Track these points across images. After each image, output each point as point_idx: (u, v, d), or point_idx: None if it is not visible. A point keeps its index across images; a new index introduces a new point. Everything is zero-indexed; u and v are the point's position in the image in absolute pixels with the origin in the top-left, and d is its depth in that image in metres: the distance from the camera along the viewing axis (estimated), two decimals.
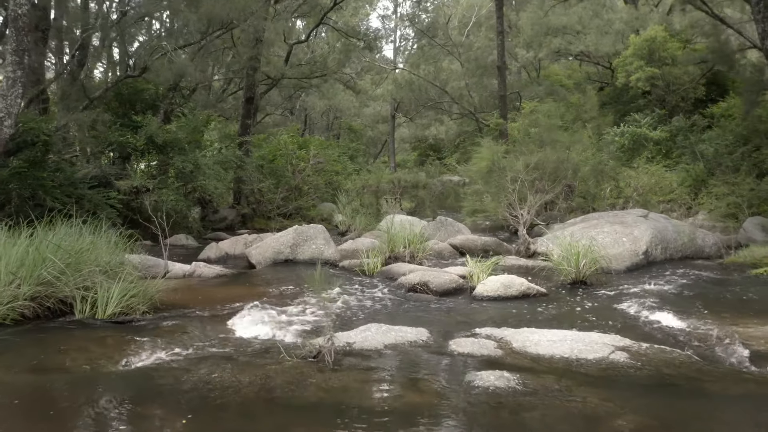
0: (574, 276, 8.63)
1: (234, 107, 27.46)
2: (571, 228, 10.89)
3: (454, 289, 8.24)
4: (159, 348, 5.58)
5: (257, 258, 10.41)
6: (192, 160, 13.99)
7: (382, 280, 8.87)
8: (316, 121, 46.46)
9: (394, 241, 9.85)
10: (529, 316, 7.00)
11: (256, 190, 17.94)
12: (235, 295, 8.14)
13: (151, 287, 7.35)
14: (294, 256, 10.38)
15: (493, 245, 12.42)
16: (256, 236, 12.74)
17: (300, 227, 10.66)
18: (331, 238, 15.95)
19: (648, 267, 10.09)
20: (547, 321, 6.70)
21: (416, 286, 8.04)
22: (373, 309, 7.21)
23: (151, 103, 16.31)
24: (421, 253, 9.80)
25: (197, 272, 9.43)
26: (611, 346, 5.17)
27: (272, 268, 10.11)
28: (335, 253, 10.53)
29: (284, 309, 7.16)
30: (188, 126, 14.76)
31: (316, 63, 28.90)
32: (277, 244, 10.46)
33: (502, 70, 26.94)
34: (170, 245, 14.11)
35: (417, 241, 9.88)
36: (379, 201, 20.35)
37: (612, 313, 7.09)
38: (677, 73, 25.92)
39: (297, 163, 19.43)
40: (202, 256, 11.77)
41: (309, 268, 10.01)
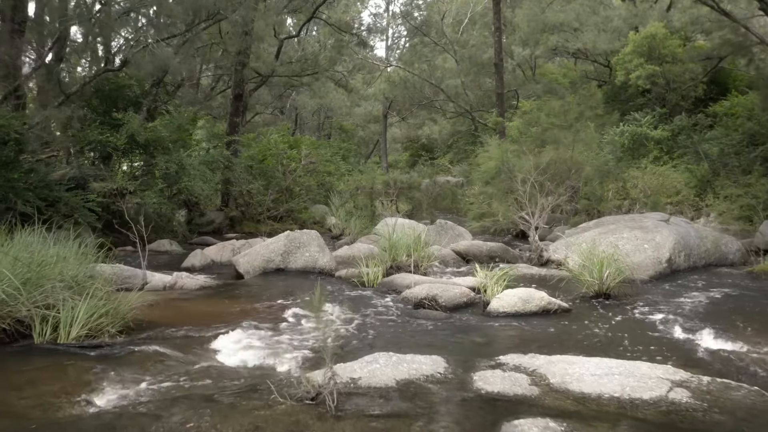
0: (597, 288, 7.79)
1: (223, 106, 26.55)
2: (587, 233, 10.05)
3: (465, 304, 7.38)
4: (127, 382, 4.70)
5: (245, 267, 9.52)
6: (176, 160, 13.09)
7: (385, 292, 7.99)
8: (307, 120, 45.59)
9: (396, 248, 8.96)
10: (555, 337, 6.15)
11: (245, 192, 17.04)
12: (220, 311, 7.26)
13: (125, 304, 6.45)
14: (285, 265, 9.50)
15: (500, 251, 11.58)
16: (244, 242, 11.85)
17: (292, 233, 9.77)
18: (326, 242, 15.14)
19: (672, 276, 9.27)
20: (578, 344, 5.84)
21: (423, 300, 7.18)
22: (378, 330, 6.33)
23: (134, 100, 15.40)
24: (426, 261, 8.93)
25: (179, 284, 8.53)
26: (667, 382, 4.32)
27: (262, 278, 9.22)
28: (330, 262, 9.65)
29: (275, 329, 6.29)
30: (172, 124, 13.85)
31: (308, 61, 28.00)
32: (267, 251, 9.57)
33: (500, 68, 26.17)
34: (153, 251, 13.22)
35: (421, 248, 8.98)
36: (374, 203, 19.49)
37: (649, 333, 6.25)
38: (678, 70, 25.26)
39: (288, 163, 18.54)
40: (186, 263, 10.88)
41: (302, 278, 9.14)
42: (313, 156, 19.43)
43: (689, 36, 28.60)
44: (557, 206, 11.46)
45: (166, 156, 13.26)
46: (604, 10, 31.62)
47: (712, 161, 20.19)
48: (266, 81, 21.10)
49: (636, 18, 29.81)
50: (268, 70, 20.47)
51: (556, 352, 5.48)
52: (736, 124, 20.60)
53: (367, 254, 11.49)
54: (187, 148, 14.19)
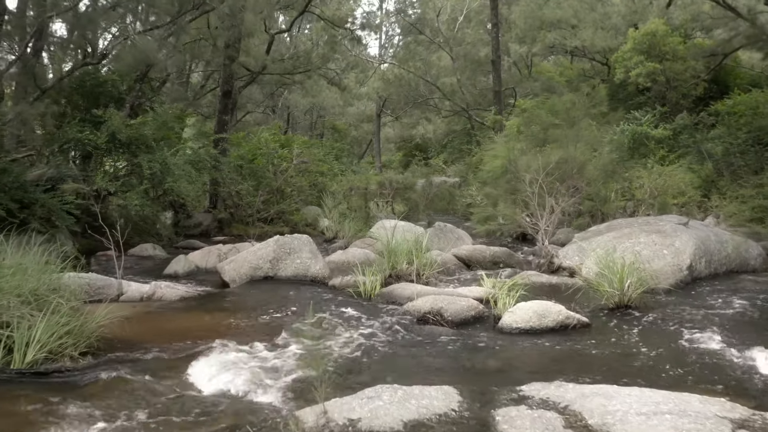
0: (618, 300, 7.07)
1: (213, 104, 25.74)
2: (600, 238, 9.33)
3: (474, 318, 6.65)
4: (85, 420, 3.97)
5: (231, 274, 8.76)
6: (159, 160, 12.31)
7: (384, 305, 7.24)
8: (299, 120, 44.82)
9: (395, 255, 8.19)
10: (580, 358, 5.43)
11: (234, 193, 16.26)
12: (201, 326, 6.51)
13: (92, 320, 5.71)
14: (275, 273, 8.75)
15: (504, 256, 10.87)
16: (231, 247, 11.10)
17: (282, 238, 9.02)
18: (318, 246, 14.36)
19: (693, 285, 8.55)
20: (608, 367, 5.13)
21: (427, 315, 6.44)
22: (378, 351, 5.59)
23: (117, 96, 14.60)
24: (429, 269, 8.17)
25: (157, 294, 7.77)
26: (727, 422, 3.61)
27: (249, 287, 8.47)
28: (323, 269, 8.90)
29: (261, 349, 5.54)
30: (156, 121, 13.06)
31: (300, 58, 27.23)
32: (255, 258, 8.82)
33: (497, 65, 25.49)
34: (135, 256, 12.49)
35: (422, 255, 8.21)
36: (368, 204, 18.75)
37: (685, 353, 5.53)
38: (678, 68, 24.66)
39: (279, 163, 17.76)
40: (169, 270, 10.11)
41: (292, 287, 8.39)
42: (306, 155, 18.67)
43: (689, 33, 27.97)
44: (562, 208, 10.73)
45: (149, 155, 12.47)
46: (602, 7, 31.01)
47: (716, 161, 19.58)
48: (256, 78, 20.32)
49: (635, 15, 29.25)
50: (258, 66, 19.69)
51: (584, 377, 4.77)
52: (739, 123, 20.00)
53: (362, 260, 10.75)
54: (173, 146, 13.40)
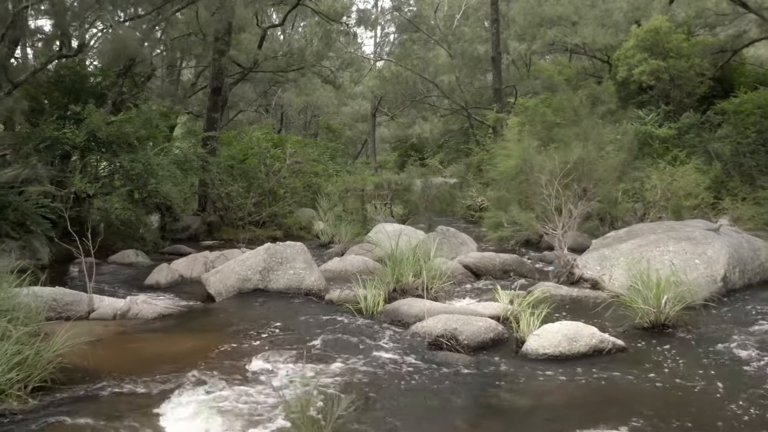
0: (654, 318, 6.24)
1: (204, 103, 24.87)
2: (623, 246, 8.49)
3: (492, 342, 5.80)
4: None
5: (217, 287, 7.89)
6: (142, 160, 11.43)
7: (388, 325, 6.36)
8: (293, 119, 43.95)
9: (401, 266, 7.30)
10: (623, 395, 4.60)
11: (224, 195, 15.37)
12: (179, 352, 5.66)
13: (49, 348, 4.85)
14: (265, 285, 7.87)
15: (514, 264, 10.02)
16: (218, 254, 10.21)
17: (273, 246, 8.14)
18: (313, 252, 13.46)
19: (729, 297, 7.72)
20: (657, 406, 4.28)
21: (440, 339, 5.57)
22: (384, 388, 4.73)
23: (99, 92, 13.73)
24: (438, 282, 7.28)
25: (133, 310, 6.90)
26: None
27: (236, 301, 7.59)
28: (319, 281, 8.02)
29: (246, 382, 4.72)
30: (139, 118, 12.17)
31: (293, 55, 26.34)
32: (243, 268, 7.94)
33: (497, 62, 24.68)
34: (116, 263, 11.60)
35: (430, 265, 7.30)
36: (365, 206, 17.90)
37: (743, 384, 4.70)
38: (683, 66, 23.94)
39: (272, 163, 16.88)
40: (150, 280, 9.24)
41: (284, 301, 7.52)
42: (300, 155, 17.79)
43: (692, 30, 27.27)
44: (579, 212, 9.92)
45: (131, 155, 11.60)
46: (603, 3, 30.23)
47: (725, 161, 18.86)
48: (247, 74, 19.43)
49: (638, 11, 28.53)
50: (250, 62, 18.81)
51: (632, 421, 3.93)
52: (747, 122, 19.29)
53: (361, 268, 9.90)
54: (157, 145, 12.52)
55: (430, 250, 9.26)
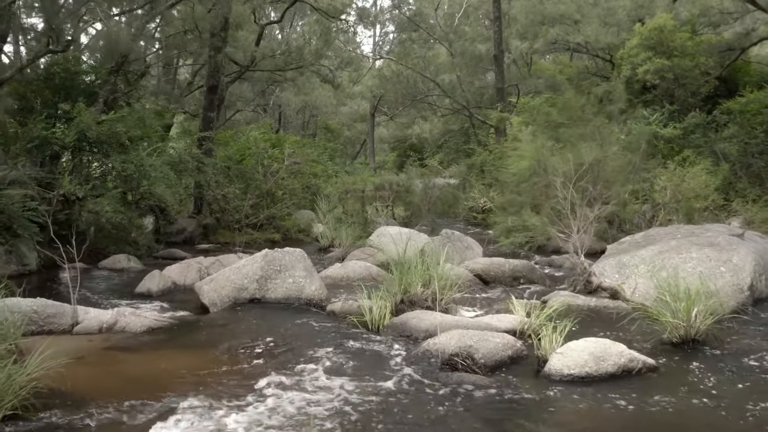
0: (683, 332, 5.76)
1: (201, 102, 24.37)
2: (642, 252, 8.00)
3: (511, 360, 5.31)
4: None
5: (211, 296, 7.39)
6: (134, 160, 10.93)
7: (396, 341, 5.86)
8: (291, 119, 43.47)
9: (408, 275, 6.77)
10: (665, 424, 4.12)
11: (220, 197, 14.87)
12: (168, 372, 5.17)
13: (21, 372, 4.36)
14: (263, 294, 7.38)
15: (525, 271, 9.55)
16: (214, 260, 9.72)
17: (271, 253, 7.64)
18: (312, 256, 12.94)
19: (757, 308, 7.24)
20: None
21: (454, 358, 5.08)
22: (394, 417, 4.25)
23: (91, 90, 13.24)
24: (449, 293, 6.76)
25: (120, 323, 6.40)
26: None
27: (232, 313, 7.09)
28: (320, 290, 7.52)
29: (241, 410, 4.23)
30: (131, 117, 11.67)
31: (292, 54, 25.84)
32: (239, 276, 7.44)
33: (500, 60, 24.20)
34: (107, 269, 11.09)
35: (442, 274, 6.77)
36: (365, 207, 17.40)
37: None
38: (688, 65, 23.51)
39: (269, 164, 16.39)
40: (141, 288, 8.74)
41: (283, 312, 7.03)
42: (298, 156, 17.30)
43: (696, 29, 26.86)
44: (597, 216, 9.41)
45: (123, 156, 11.10)
46: (606, 2, 29.78)
47: (733, 162, 18.42)
48: (244, 72, 18.93)
49: (642, 9, 28.09)
50: (247, 60, 18.30)
51: None
52: (754, 122, 18.85)
53: (364, 275, 9.45)
54: (151, 145, 12.01)
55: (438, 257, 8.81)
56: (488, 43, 30.45)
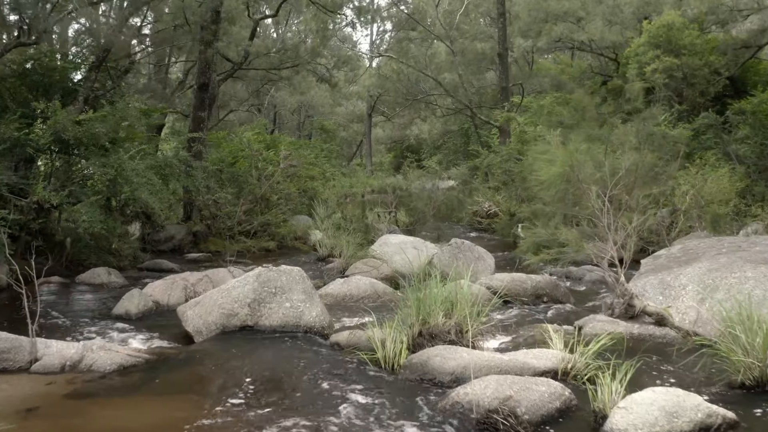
0: (758, 373, 4.80)
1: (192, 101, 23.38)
2: (688, 270, 7.03)
3: (559, 413, 4.32)
4: None
5: (196, 323, 6.40)
6: (115, 165, 9.91)
7: (417, 386, 4.86)
8: (286, 119, 42.60)
9: (428, 303, 5.74)
10: None
11: (211, 202, 13.88)
12: (140, 428, 4.18)
13: None
14: (255, 321, 6.38)
15: (548, 288, 8.59)
16: (201, 276, 8.72)
17: (265, 273, 6.64)
18: (310, 267, 12.02)
19: None
20: None
21: (493, 415, 4.09)
22: None
23: (70, 87, 12.24)
24: (476, 323, 5.72)
25: (87, 360, 5.41)
26: None
27: (220, 343, 6.09)
28: (321, 316, 6.51)
29: None
30: (112, 116, 10.65)
31: (287, 52, 24.87)
32: (229, 300, 6.44)
33: (504, 58, 23.29)
34: (84, 284, 10.03)
35: (467, 300, 5.73)
36: (365, 213, 16.45)
37: None
38: (697, 63, 22.68)
39: (264, 166, 15.40)
40: (119, 309, 7.74)
41: (280, 345, 6.02)
42: (294, 158, 16.32)
43: (704, 27, 26.07)
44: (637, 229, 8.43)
45: (102, 158, 10.08)
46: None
47: (747, 164, 17.57)
48: (237, 70, 17.92)
49: (648, 7, 27.25)
50: (240, 56, 17.30)
51: None
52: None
53: (369, 292, 8.48)
54: (134, 147, 10.98)
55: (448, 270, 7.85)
56: (489, 41, 29.55)
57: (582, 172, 7.09)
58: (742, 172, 17.49)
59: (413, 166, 29.30)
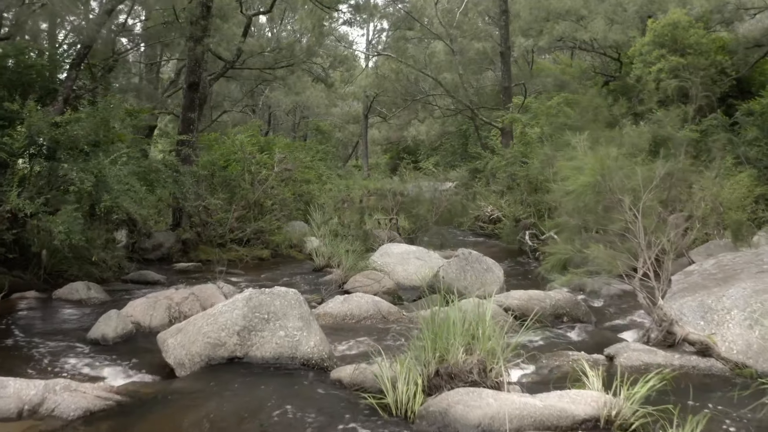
0: None
1: None
2: (730, 290, 6.26)
3: None
4: None
5: (178, 354, 5.61)
6: (94, 170, 9.11)
7: None
8: (282, 120, 41.82)
9: (446, 335, 4.92)
10: None
11: (201, 209, 13.08)
12: None
13: None
14: (245, 352, 5.59)
15: (568, 306, 7.85)
16: (187, 294, 7.93)
17: (256, 295, 5.84)
18: (307, 279, 11.28)
19: None
20: None
21: None
22: None
23: (50, 86, 11.44)
24: (501, 360, 4.91)
25: (48, 403, 4.63)
26: None
27: (205, 379, 5.29)
28: (321, 345, 5.71)
29: None
30: (93, 118, 9.84)
31: (282, 51, 24.08)
32: (215, 327, 5.65)
33: (506, 57, 22.57)
34: (62, 300, 9.26)
35: (490, 332, 4.91)
36: (364, 218, 15.67)
37: None
38: (703, 63, 22.07)
39: (257, 170, 14.61)
40: (95, 332, 6.94)
41: (273, 380, 5.22)
42: (290, 161, 15.53)
43: (709, 26, 25.51)
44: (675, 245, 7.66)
45: (81, 163, 9.27)
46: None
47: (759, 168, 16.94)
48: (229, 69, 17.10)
49: (653, 5, 26.61)
50: (233, 55, 16.50)
51: None
52: None
53: (371, 312, 7.71)
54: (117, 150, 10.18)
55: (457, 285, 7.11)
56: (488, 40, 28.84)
57: (613, 181, 6.32)
58: (754, 176, 16.87)
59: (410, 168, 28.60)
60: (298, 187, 16.39)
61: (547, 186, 14.32)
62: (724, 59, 22.16)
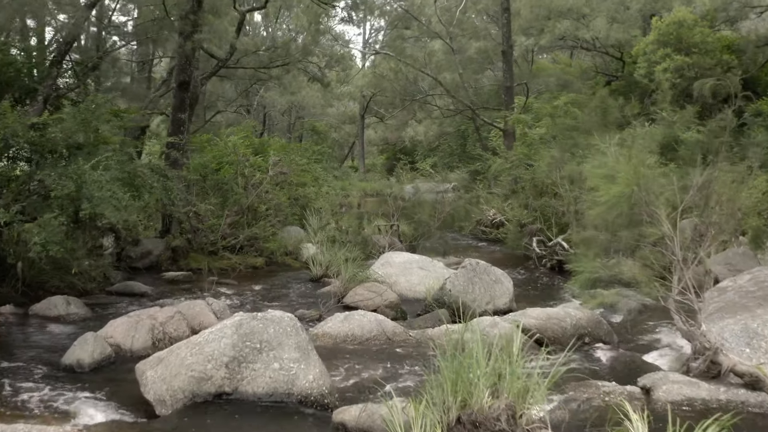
0: None
1: None
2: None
3: None
4: None
5: (158, 389, 4.92)
6: (74, 175, 8.42)
7: None
8: (276, 120, 41.18)
9: (468, 375, 4.21)
10: None
11: (192, 214, 12.39)
12: None
13: None
14: (234, 386, 4.91)
15: (590, 326, 7.20)
16: (173, 312, 7.22)
17: (247, 321, 5.16)
18: (303, 290, 10.62)
19: None
20: None
21: None
22: None
23: (30, 85, 10.77)
24: (531, 404, 4.19)
25: None
26: None
27: (188, 419, 4.60)
28: (320, 379, 5.01)
29: None
30: (74, 119, 9.15)
31: (277, 50, 23.43)
32: (200, 359, 4.96)
33: (508, 56, 21.90)
34: (38, 317, 8.53)
35: (520, 371, 4.21)
36: (362, 223, 15.02)
37: None
38: (709, 62, 21.55)
39: (251, 173, 13.92)
40: (69, 358, 6.25)
41: (267, 423, 4.55)
42: (285, 164, 14.85)
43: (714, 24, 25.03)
44: None
45: (59, 168, 8.59)
46: None
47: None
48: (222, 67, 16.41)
49: (656, 3, 26.10)
50: (226, 53, 15.82)
51: None
52: None
53: (375, 332, 7.05)
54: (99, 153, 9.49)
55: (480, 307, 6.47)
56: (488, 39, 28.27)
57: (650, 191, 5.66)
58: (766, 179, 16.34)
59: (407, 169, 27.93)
60: (294, 190, 15.70)
61: (554, 190, 13.70)
62: (731, 58, 21.65)
